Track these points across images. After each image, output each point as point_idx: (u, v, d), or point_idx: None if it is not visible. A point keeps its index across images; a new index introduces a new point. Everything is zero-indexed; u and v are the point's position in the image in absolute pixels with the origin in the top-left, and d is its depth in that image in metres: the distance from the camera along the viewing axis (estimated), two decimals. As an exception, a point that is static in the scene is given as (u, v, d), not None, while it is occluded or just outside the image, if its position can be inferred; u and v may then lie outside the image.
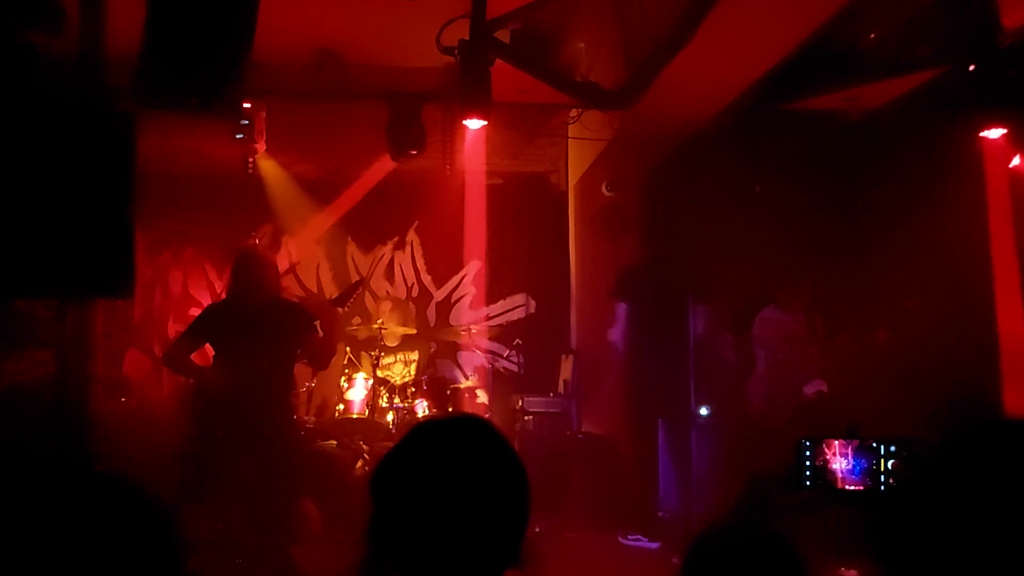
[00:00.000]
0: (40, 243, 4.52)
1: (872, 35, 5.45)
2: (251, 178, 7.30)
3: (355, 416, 6.48)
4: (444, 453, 1.45)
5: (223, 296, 5.79)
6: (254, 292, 5.17)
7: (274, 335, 5.08)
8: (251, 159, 7.21)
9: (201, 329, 5.20)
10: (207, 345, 5.21)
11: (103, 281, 5.31)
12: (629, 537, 5.84)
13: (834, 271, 6.84)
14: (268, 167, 7.40)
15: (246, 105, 6.23)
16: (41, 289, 4.47)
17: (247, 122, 6.47)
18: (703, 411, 6.50)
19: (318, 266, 7.97)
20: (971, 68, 5.23)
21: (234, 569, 5.12)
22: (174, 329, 7.34)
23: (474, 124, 5.62)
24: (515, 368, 7.35)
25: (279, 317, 5.15)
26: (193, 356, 5.23)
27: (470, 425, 1.53)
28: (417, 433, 1.51)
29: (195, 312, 7.27)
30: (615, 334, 7.42)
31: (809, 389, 5.86)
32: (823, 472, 1.33)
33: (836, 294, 6.39)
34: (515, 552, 1.44)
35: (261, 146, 7.14)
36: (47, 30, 3.98)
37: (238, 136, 6.49)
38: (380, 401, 6.52)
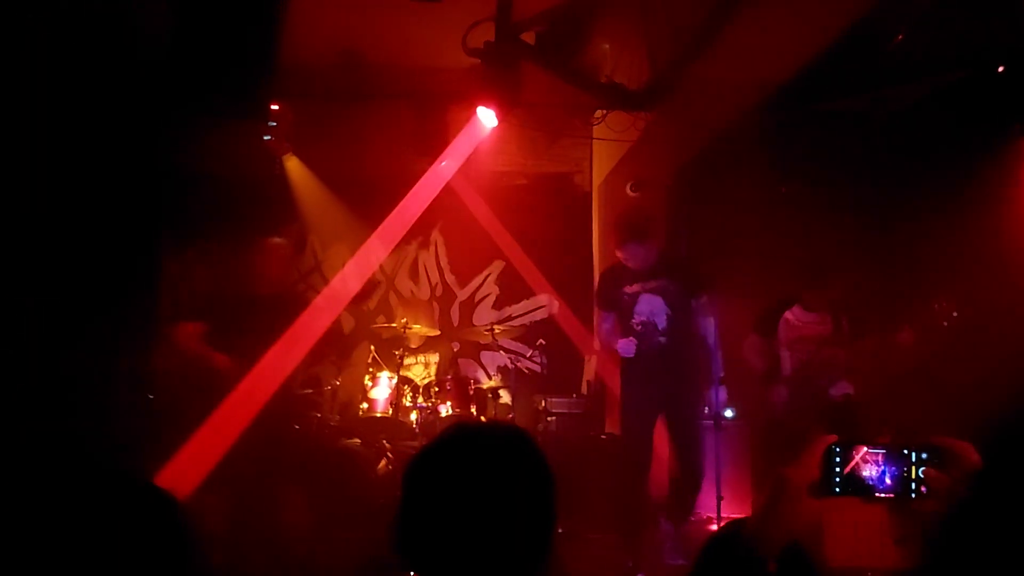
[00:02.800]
0: (70, 240, 4.60)
1: (899, 36, 5.42)
2: (277, 178, 7.38)
3: (379, 415, 6.51)
4: (483, 461, 1.45)
5: (232, 285, 5.85)
6: (257, 282, 5.26)
7: (271, 325, 5.14)
8: (278, 159, 7.29)
9: (205, 314, 5.29)
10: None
11: (130, 279, 5.40)
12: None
13: (860, 272, 6.79)
14: (294, 167, 7.47)
15: (273, 106, 6.30)
16: (71, 285, 4.54)
17: (274, 123, 6.54)
18: (728, 412, 6.47)
19: (343, 265, 8.01)
20: (1000, 69, 5.19)
21: (252, 563, 5.18)
22: (200, 326, 7.40)
23: (489, 121, 5.65)
24: (538, 368, 7.35)
25: (279, 309, 5.22)
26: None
27: (513, 437, 1.52)
28: (460, 436, 1.51)
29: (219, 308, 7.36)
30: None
31: (836, 392, 5.81)
32: (853, 478, 1.33)
33: (863, 295, 6.33)
34: (538, 567, 1.44)
35: (288, 146, 7.21)
36: (82, 33, 4.05)
37: (265, 137, 6.56)
38: (404, 400, 6.55)
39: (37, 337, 4.35)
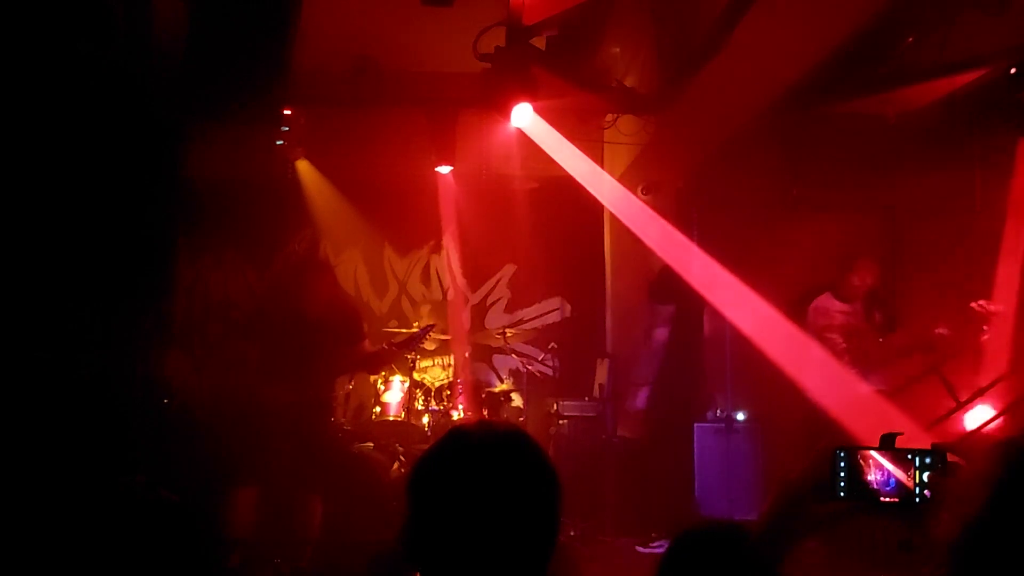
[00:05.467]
0: (88, 248, 4.64)
1: (910, 38, 5.41)
2: (290, 183, 7.42)
3: (392, 418, 6.53)
4: (480, 463, 1.45)
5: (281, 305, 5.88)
6: (306, 303, 5.32)
7: (320, 348, 5.23)
8: (290, 164, 7.33)
9: (253, 335, 5.36)
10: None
11: (147, 284, 5.44)
12: (652, 545, 5.75)
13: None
14: (307, 172, 7.51)
15: (286, 112, 6.35)
16: (87, 291, 4.58)
17: (287, 128, 6.59)
18: (740, 416, 6.47)
19: (355, 270, 8.05)
20: (1012, 71, 5.17)
21: (273, 568, 5.22)
22: (215, 331, 7.45)
23: (523, 120, 5.72)
24: (550, 372, 7.37)
25: (326, 330, 5.30)
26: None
27: (506, 432, 1.52)
28: (459, 442, 1.50)
29: (236, 314, 7.41)
30: (651, 338, 7.40)
31: (866, 387, 5.64)
32: (858, 483, 1.35)
33: (890, 290, 6.20)
34: (545, 565, 1.44)
35: (300, 151, 7.26)
36: (98, 41, 4.08)
37: (278, 142, 6.60)
38: (416, 404, 6.57)
39: (53, 341, 4.39)
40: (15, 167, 3.99)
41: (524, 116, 5.80)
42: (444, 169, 7.16)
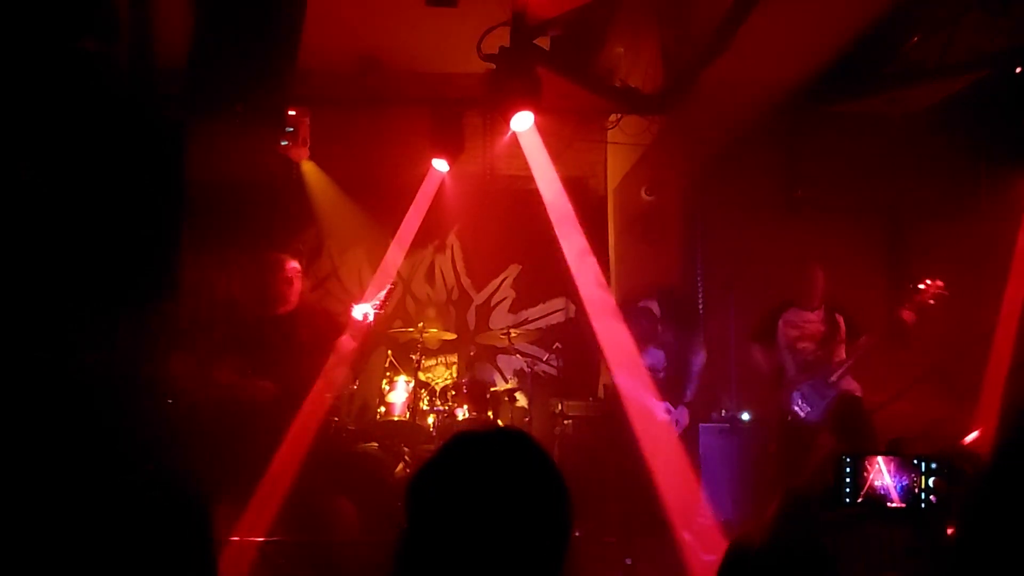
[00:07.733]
0: (91, 247, 4.64)
1: (915, 38, 5.40)
2: (295, 183, 7.42)
3: (396, 419, 6.52)
4: (484, 471, 1.38)
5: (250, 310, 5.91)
6: (274, 304, 5.38)
7: (295, 343, 5.28)
8: (295, 165, 7.33)
9: (233, 346, 5.43)
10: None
11: (151, 285, 5.44)
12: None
13: (874, 274, 6.79)
14: (312, 172, 7.51)
15: (291, 112, 6.35)
16: (89, 291, 4.58)
17: (292, 128, 6.59)
18: (745, 416, 6.46)
19: (360, 269, 8.05)
20: (1017, 71, 5.16)
21: (277, 568, 5.22)
22: (220, 332, 7.45)
23: (521, 125, 5.70)
24: (554, 372, 7.36)
25: (299, 324, 5.34)
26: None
27: (512, 440, 1.45)
28: (456, 447, 1.44)
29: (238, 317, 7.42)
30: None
31: (843, 387, 5.83)
32: (864, 489, 1.34)
33: (859, 293, 6.30)
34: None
35: (305, 152, 7.25)
36: (102, 38, 4.08)
37: (283, 143, 6.60)
38: (421, 404, 6.57)
39: (53, 341, 4.40)
40: (17, 166, 3.99)
41: (524, 121, 5.81)
42: (441, 165, 7.11)
